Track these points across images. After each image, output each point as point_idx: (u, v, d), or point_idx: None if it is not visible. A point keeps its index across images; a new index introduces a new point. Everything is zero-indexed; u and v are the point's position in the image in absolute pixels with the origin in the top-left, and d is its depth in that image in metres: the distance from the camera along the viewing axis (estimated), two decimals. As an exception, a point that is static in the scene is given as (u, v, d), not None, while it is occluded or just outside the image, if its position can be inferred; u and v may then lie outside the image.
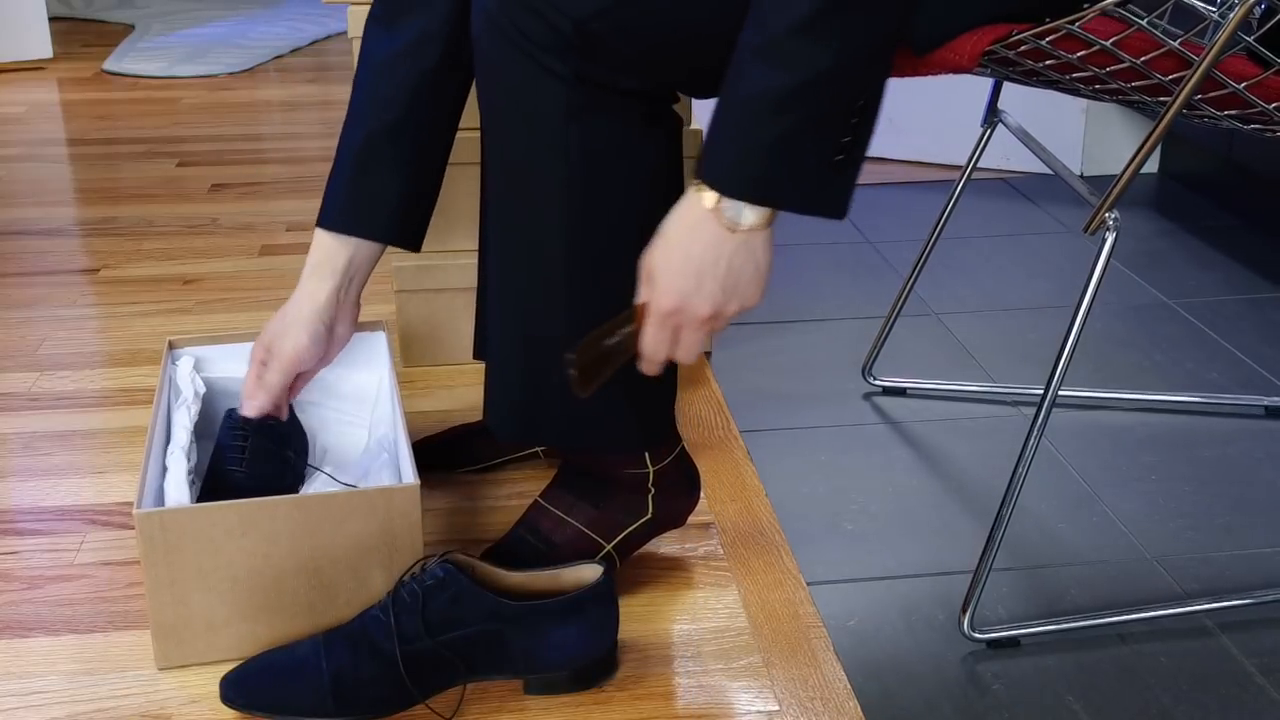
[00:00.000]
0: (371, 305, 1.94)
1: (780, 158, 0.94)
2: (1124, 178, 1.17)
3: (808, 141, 0.94)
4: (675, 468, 1.25)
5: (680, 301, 0.99)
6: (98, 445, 1.57)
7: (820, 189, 0.96)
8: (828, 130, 0.94)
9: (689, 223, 0.98)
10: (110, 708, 1.13)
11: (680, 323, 1.01)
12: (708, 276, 0.98)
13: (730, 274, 0.98)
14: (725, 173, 0.96)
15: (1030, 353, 1.82)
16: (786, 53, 0.93)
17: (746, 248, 0.98)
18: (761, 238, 0.98)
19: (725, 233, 0.97)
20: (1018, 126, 1.49)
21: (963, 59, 1.12)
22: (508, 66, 1.06)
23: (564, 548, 1.23)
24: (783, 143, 0.94)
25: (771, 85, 0.93)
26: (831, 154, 0.95)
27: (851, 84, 0.94)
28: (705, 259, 0.98)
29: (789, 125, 0.93)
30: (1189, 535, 1.40)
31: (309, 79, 3.39)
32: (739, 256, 0.98)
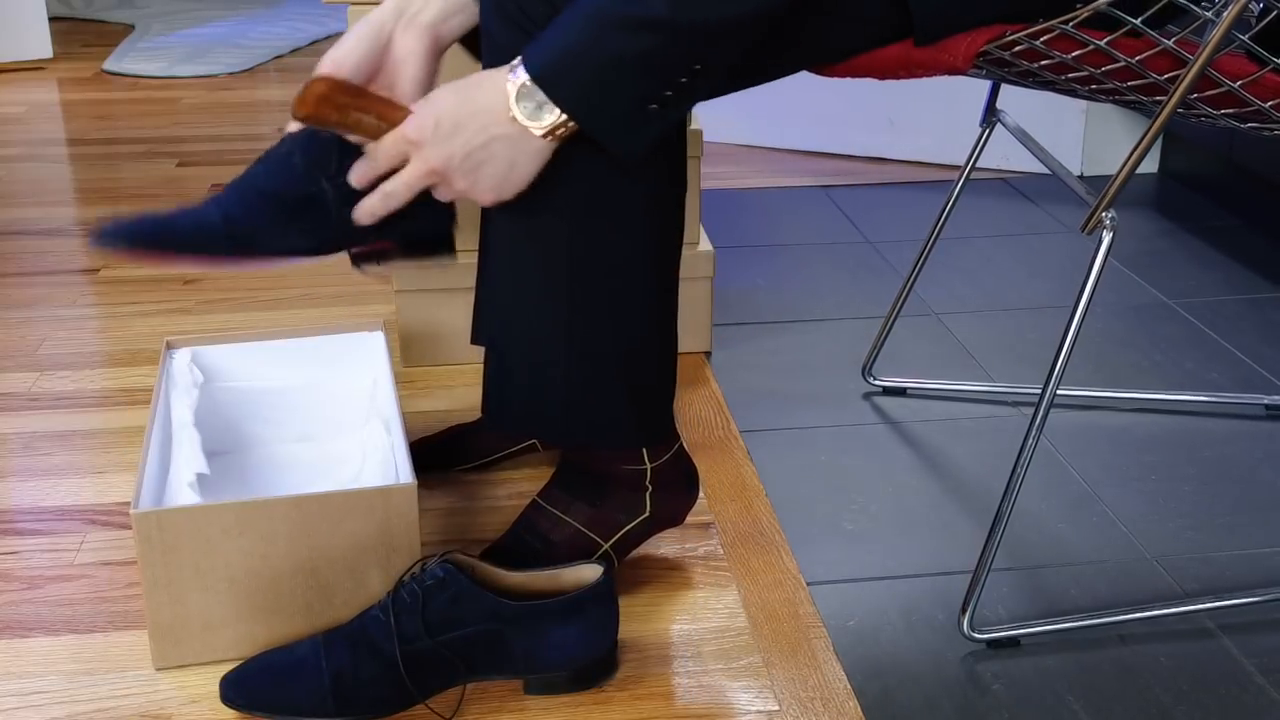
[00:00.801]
0: (371, 305, 1.95)
1: (606, 76, 0.96)
2: (1120, 177, 1.17)
3: (639, 74, 0.96)
4: (673, 466, 1.25)
5: (424, 135, 1.00)
6: (98, 445, 1.57)
7: (624, 124, 0.98)
8: (662, 73, 0.96)
9: (486, 86, 0.99)
10: (110, 708, 1.13)
11: (410, 154, 1.02)
12: (461, 134, 0.99)
13: (483, 149, 0.99)
14: (546, 65, 0.97)
15: (1030, 353, 1.82)
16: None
17: (516, 144, 0.99)
18: (534, 145, 0.99)
19: (507, 116, 0.98)
20: (1016, 127, 1.49)
21: (957, 60, 1.12)
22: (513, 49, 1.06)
23: (562, 547, 1.23)
24: (618, 63, 0.95)
25: (632, 7, 0.95)
26: (652, 98, 0.97)
27: (706, 41, 0.96)
28: (473, 121, 0.99)
29: (631, 50, 0.95)
30: (1189, 535, 1.40)
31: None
32: (502, 144, 0.99)
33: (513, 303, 1.15)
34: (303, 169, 1.10)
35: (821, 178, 2.56)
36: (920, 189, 2.50)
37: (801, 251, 2.19)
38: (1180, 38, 1.07)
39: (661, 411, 1.23)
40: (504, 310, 1.16)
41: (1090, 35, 1.08)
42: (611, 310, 1.13)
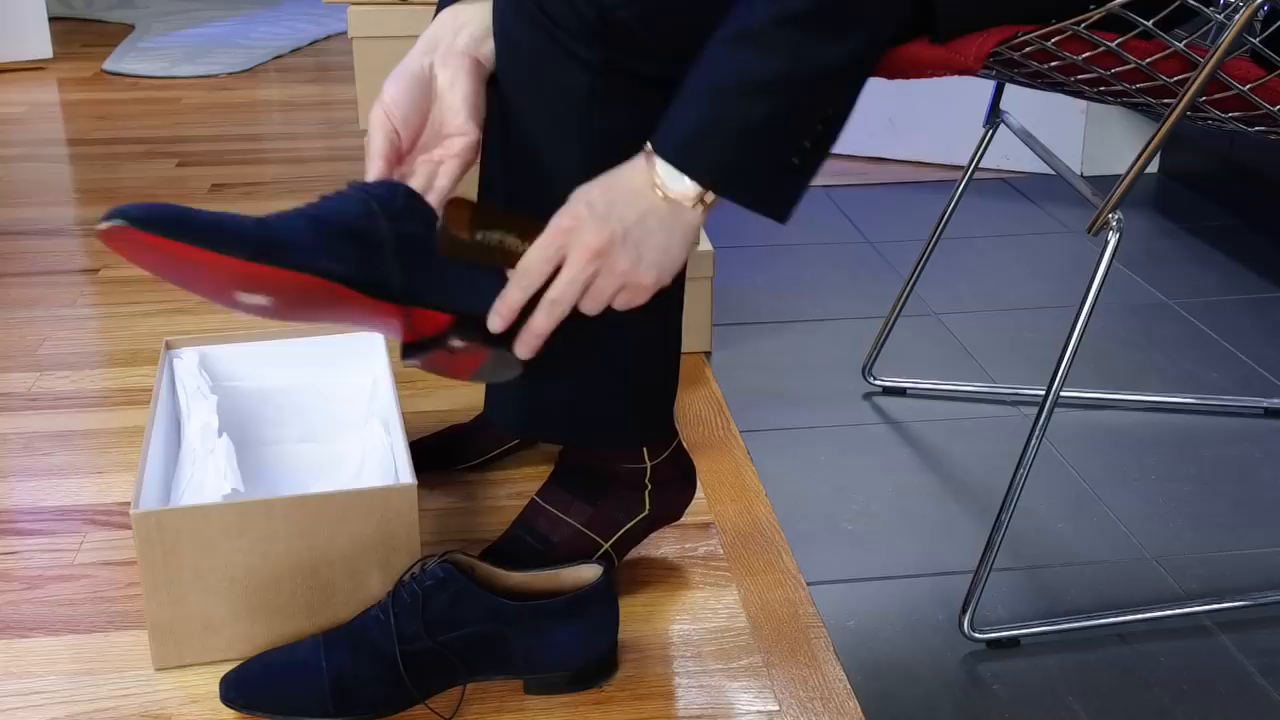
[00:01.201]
0: (371, 305, 1.94)
1: (739, 145, 0.93)
2: (1128, 178, 1.16)
3: (771, 135, 0.93)
4: (672, 463, 1.25)
5: (578, 219, 0.97)
6: (98, 445, 1.57)
7: (770, 187, 0.95)
8: (794, 129, 0.93)
9: (628, 172, 0.98)
10: (110, 708, 1.13)
11: (566, 246, 0.97)
12: (616, 213, 0.96)
13: (640, 225, 0.97)
14: (679, 148, 0.95)
15: (1030, 353, 1.82)
16: (772, 41, 0.91)
17: (669, 217, 0.97)
18: (686, 217, 0.97)
19: (652, 189, 0.96)
20: (1020, 127, 1.49)
21: (968, 60, 1.12)
22: (533, 50, 1.06)
23: (562, 546, 1.23)
24: (746, 130, 0.92)
25: (748, 71, 0.92)
26: (790, 154, 0.94)
27: (828, 86, 0.93)
28: (624, 197, 0.97)
29: (758, 114, 0.92)
30: (1189, 535, 1.40)
31: (309, 79, 3.39)
32: (654, 219, 0.96)
33: None
34: (358, 202, 1.04)
35: (821, 178, 2.54)
36: (920, 189, 2.50)
37: (801, 251, 2.19)
38: (1190, 41, 1.07)
39: (663, 410, 1.23)
40: None
41: (1101, 37, 1.08)
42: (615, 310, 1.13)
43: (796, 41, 0.91)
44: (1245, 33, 1.04)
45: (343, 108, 3.09)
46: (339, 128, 2.93)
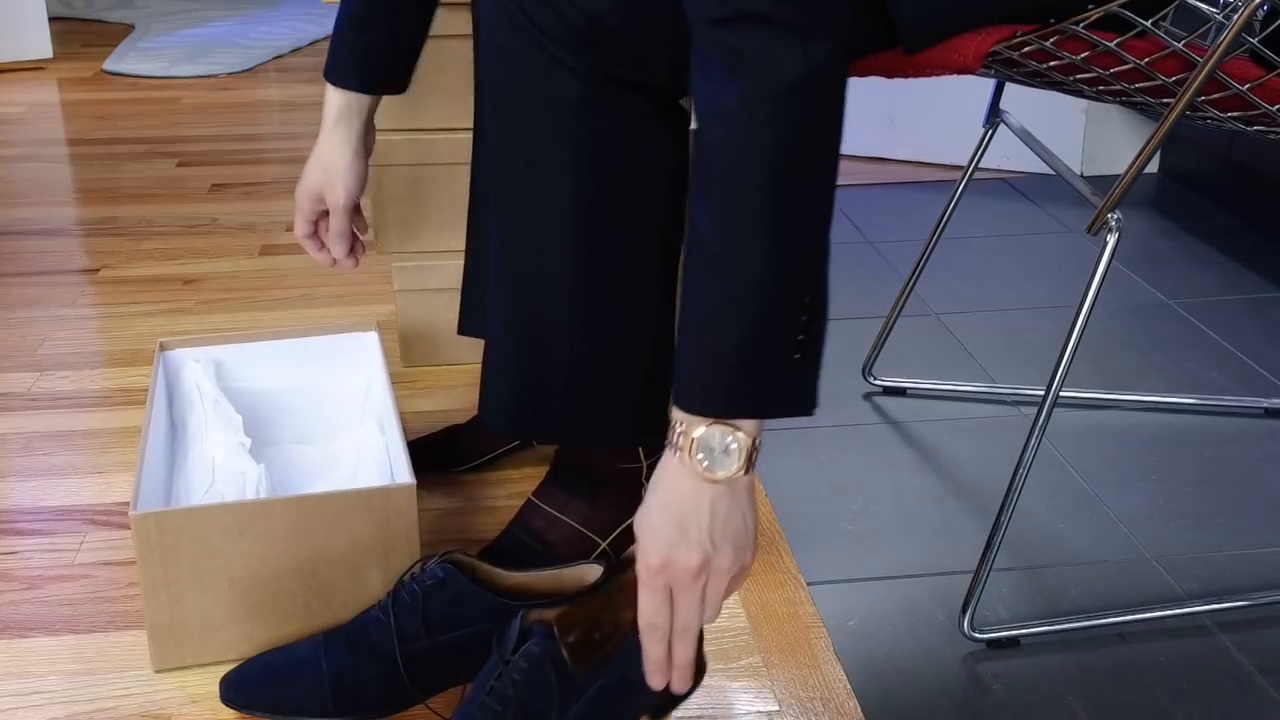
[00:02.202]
0: (372, 305, 1.95)
1: (738, 369, 0.92)
2: (1127, 178, 1.16)
3: (762, 348, 0.92)
4: None
5: (667, 554, 0.93)
6: (98, 445, 1.57)
7: (782, 392, 0.94)
8: (779, 332, 0.92)
9: (668, 478, 0.94)
10: (110, 708, 1.13)
11: (670, 580, 0.93)
12: (691, 524, 0.93)
13: (715, 520, 0.93)
14: (693, 396, 0.94)
15: (1030, 353, 1.82)
16: (726, 263, 0.90)
17: (729, 496, 0.94)
18: (743, 485, 0.94)
19: (703, 484, 0.93)
20: (1020, 127, 1.49)
21: (967, 59, 1.12)
22: (521, 57, 1.06)
23: (559, 546, 1.23)
24: (737, 354, 0.91)
25: (717, 299, 0.91)
26: (788, 354, 0.93)
27: (792, 284, 0.91)
28: (686, 507, 0.93)
29: (740, 335, 0.91)
30: (1189, 535, 1.40)
31: (309, 79, 3.39)
32: (722, 503, 0.93)
33: (513, 305, 1.15)
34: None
35: (821, 178, 2.55)
36: (920, 189, 2.50)
37: (801, 251, 2.18)
38: (1189, 40, 1.07)
39: (659, 410, 1.23)
40: (503, 312, 1.16)
41: (1100, 36, 1.08)
42: (614, 310, 1.13)
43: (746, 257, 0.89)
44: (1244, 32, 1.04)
45: (343, 108, 3.09)
46: (339, 128, 2.93)
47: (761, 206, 0.89)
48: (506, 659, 1.01)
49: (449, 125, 1.65)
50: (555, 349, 1.13)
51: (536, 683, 0.99)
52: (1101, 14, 1.06)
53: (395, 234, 1.69)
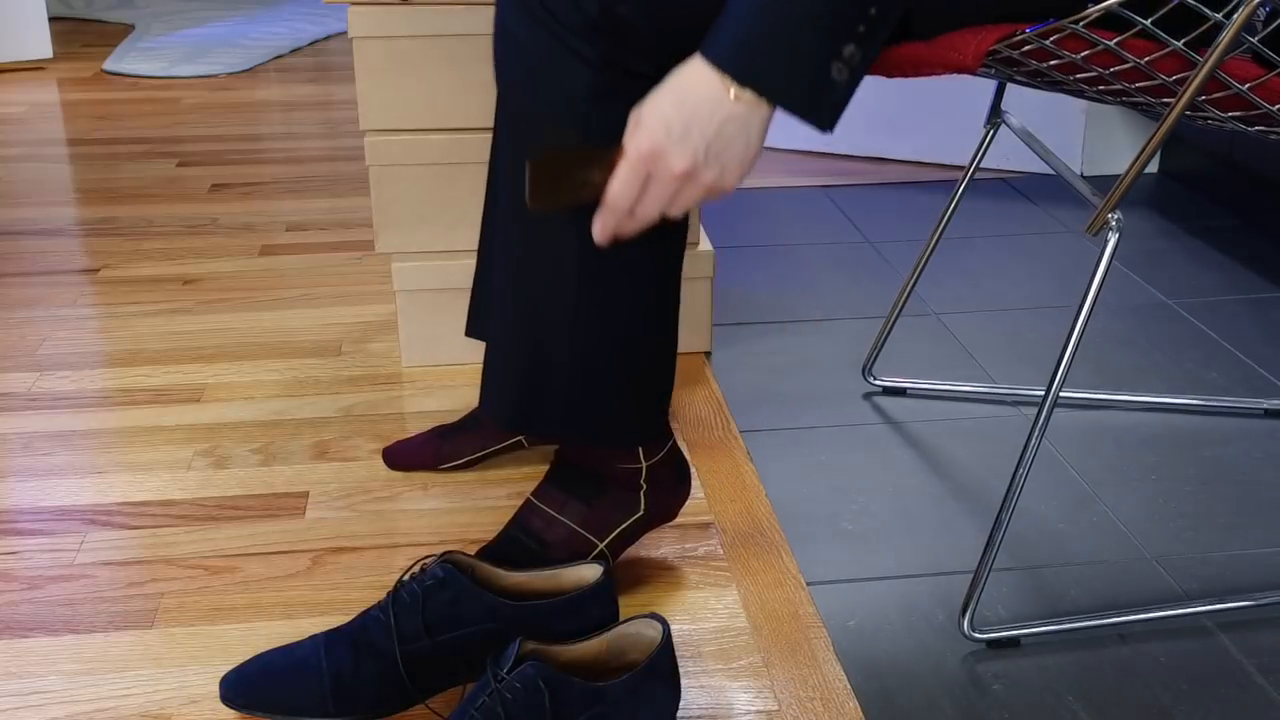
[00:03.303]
0: (371, 305, 1.95)
1: (779, 48, 0.91)
2: (1127, 178, 1.16)
3: (809, 37, 0.91)
4: (667, 463, 1.25)
5: (659, 144, 0.95)
6: (98, 445, 1.57)
7: (812, 92, 0.93)
8: (832, 31, 0.91)
9: (693, 78, 0.95)
10: (110, 708, 1.13)
11: (652, 170, 0.96)
12: (694, 128, 0.94)
13: (719, 137, 0.94)
14: (725, 51, 0.94)
15: (1030, 353, 1.82)
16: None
17: (742, 118, 0.94)
18: (760, 114, 0.94)
19: (726, 95, 0.93)
20: (1021, 127, 1.49)
21: (966, 59, 1.12)
22: (535, 47, 1.06)
23: (556, 546, 1.23)
24: (784, 33, 0.91)
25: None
26: (831, 59, 0.91)
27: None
28: (699, 112, 0.94)
29: (794, 14, 0.90)
30: (1189, 535, 1.40)
31: (309, 79, 3.39)
32: (733, 124, 0.94)
33: (516, 301, 1.15)
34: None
35: (821, 178, 2.56)
36: (920, 189, 2.50)
37: (801, 251, 2.19)
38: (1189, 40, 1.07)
39: (658, 411, 1.23)
40: (507, 308, 1.16)
41: (1100, 35, 1.08)
42: (617, 309, 1.13)
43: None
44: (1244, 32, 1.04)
45: (343, 108, 3.09)
46: (339, 128, 2.93)
47: None
48: (500, 678, 1.01)
49: (449, 125, 1.65)
50: (557, 344, 1.13)
51: (528, 705, 1.00)
52: (1101, 13, 1.06)
53: (395, 234, 1.69)
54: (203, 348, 1.82)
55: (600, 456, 1.24)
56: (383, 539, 1.38)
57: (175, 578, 1.31)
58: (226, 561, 1.34)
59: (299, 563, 1.33)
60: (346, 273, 2.08)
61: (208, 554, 1.35)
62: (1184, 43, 1.07)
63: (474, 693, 1.03)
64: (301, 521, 1.41)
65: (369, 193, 1.94)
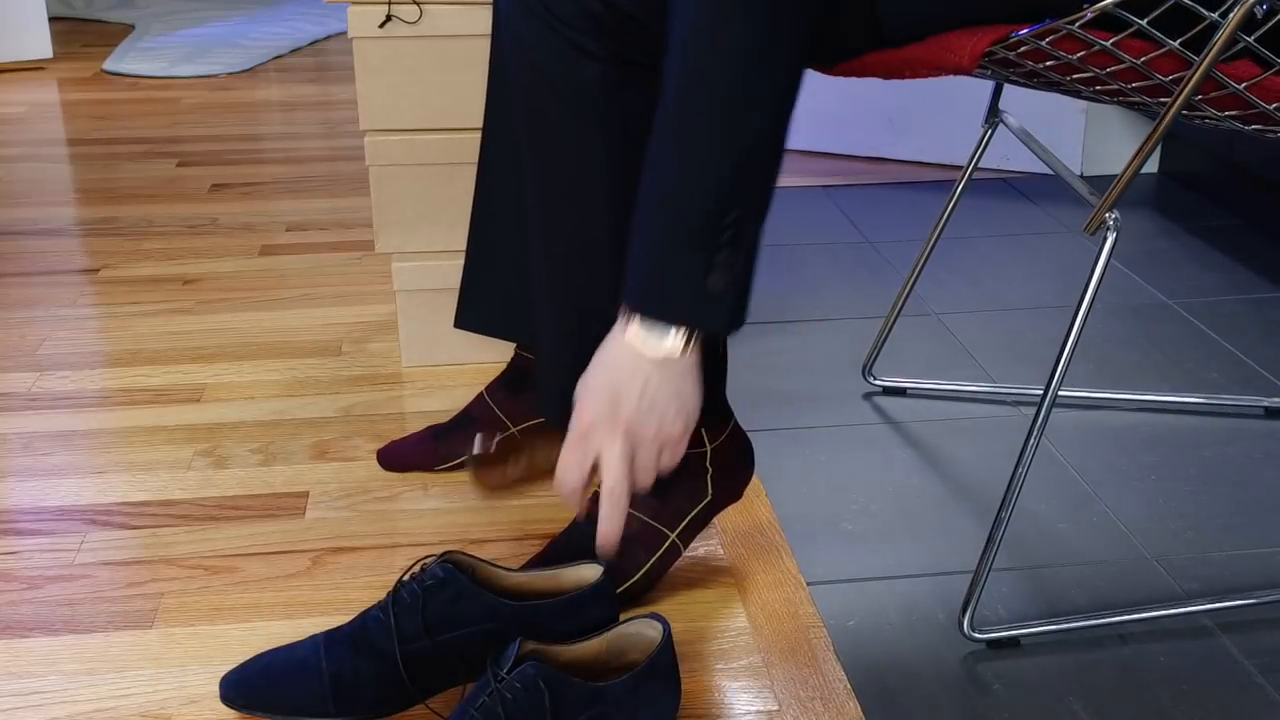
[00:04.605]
0: (372, 305, 1.95)
1: (655, 267, 0.96)
2: (1124, 178, 1.16)
3: (681, 260, 0.95)
4: (730, 443, 1.26)
5: (594, 416, 0.99)
6: (98, 445, 1.57)
7: (697, 304, 0.97)
8: (699, 249, 0.95)
9: (612, 347, 1.00)
10: (110, 708, 1.13)
11: (595, 442, 1.00)
12: (623, 395, 0.99)
13: (647, 394, 0.99)
14: (631, 287, 0.99)
15: (1030, 353, 1.82)
16: (655, 161, 0.95)
17: (664, 373, 0.99)
18: (680, 366, 0.99)
19: (643, 357, 0.98)
20: (1019, 127, 1.49)
21: (962, 60, 1.12)
22: (541, 46, 1.07)
23: (628, 541, 1.23)
24: (660, 263, 0.96)
25: (647, 195, 0.96)
26: (704, 270, 0.96)
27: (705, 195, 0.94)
28: (622, 378, 0.98)
29: (660, 235, 0.95)
30: (1189, 535, 1.40)
31: (309, 79, 3.39)
32: (655, 379, 0.98)
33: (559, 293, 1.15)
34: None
35: (821, 178, 2.56)
36: (920, 189, 2.50)
37: (801, 251, 2.19)
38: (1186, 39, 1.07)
39: (717, 390, 1.22)
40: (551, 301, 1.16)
41: (1096, 36, 1.08)
42: None
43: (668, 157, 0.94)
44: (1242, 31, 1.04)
45: (343, 108, 3.09)
46: (339, 128, 2.93)
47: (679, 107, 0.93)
48: (500, 677, 1.01)
49: (449, 125, 1.65)
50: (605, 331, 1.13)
51: (528, 705, 1.00)
52: (1097, 13, 1.06)
53: (395, 234, 1.69)
54: (203, 348, 1.82)
55: None
56: (383, 539, 1.37)
57: (175, 578, 1.31)
58: (226, 561, 1.34)
59: (299, 563, 1.33)
60: (346, 273, 2.08)
61: (208, 554, 1.35)
62: (1180, 42, 1.06)
63: (474, 693, 1.03)
64: (301, 521, 1.41)
65: (369, 193, 1.94)
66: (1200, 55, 1.06)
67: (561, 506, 1.39)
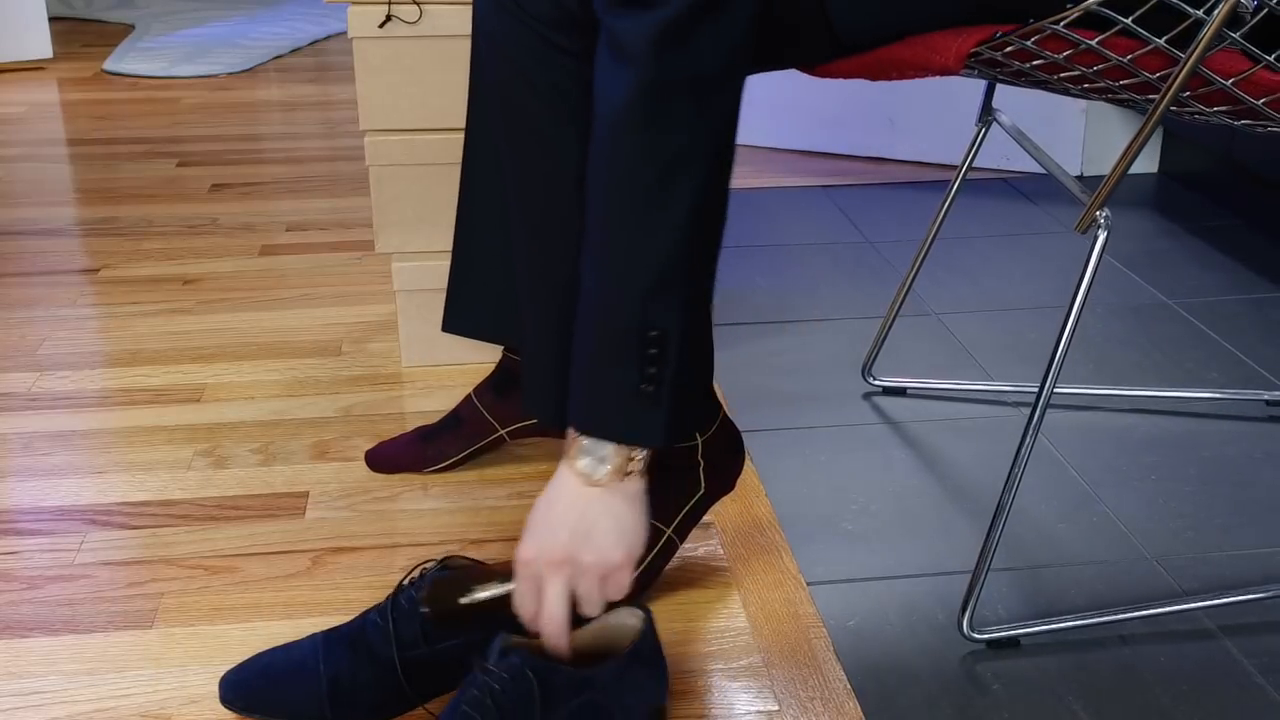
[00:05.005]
0: (371, 305, 1.95)
1: (585, 385, 0.98)
2: (1114, 175, 1.16)
3: (607, 370, 0.97)
4: (720, 435, 1.26)
5: (536, 549, 1.02)
6: (98, 445, 1.57)
7: (630, 418, 0.98)
8: (618, 359, 0.97)
9: (556, 479, 1.02)
10: (110, 708, 1.13)
11: (539, 572, 1.02)
12: (560, 523, 1.01)
13: (584, 523, 1.00)
14: (570, 405, 1.01)
15: (1030, 353, 1.82)
16: (583, 272, 0.97)
17: (604, 501, 1.00)
18: (621, 493, 1.01)
19: (583, 486, 1.00)
20: (1012, 126, 1.49)
21: (948, 60, 1.12)
22: (517, 44, 1.08)
23: None
24: (589, 367, 0.98)
25: (581, 307, 0.98)
26: (635, 383, 0.97)
27: (629, 313, 0.96)
28: (562, 508, 1.01)
29: (591, 349, 0.98)
30: (1189, 535, 1.40)
31: (309, 79, 3.39)
32: (595, 508, 1.00)
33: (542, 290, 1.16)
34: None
35: (821, 178, 2.56)
36: (920, 189, 2.50)
37: (801, 251, 2.19)
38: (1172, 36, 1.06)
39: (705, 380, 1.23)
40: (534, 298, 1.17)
41: (1081, 35, 1.08)
42: None
43: (585, 276, 0.97)
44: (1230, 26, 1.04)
45: (343, 108, 3.10)
46: (339, 128, 2.93)
47: (593, 222, 0.95)
48: (487, 669, 1.02)
49: (449, 125, 1.65)
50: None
51: (516, 694, 1.01)
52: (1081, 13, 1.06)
53: (395, 234, 1.69)
54: (203, 348, 1.82)
55: None
56: (383, 539, 1.38)
57: (175, 578, 1.31)
58: (226, 561, 1.34)
59: (299, 563, 1.34)
60: (346, 273, 2.08)
61: (208, 554, 1.35)
62: (1166, 40, 1.06)
63: (463, 688, 1.03)
64: (301, 521, 1.41)
65: (369, 193, 1.94)
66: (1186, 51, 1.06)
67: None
